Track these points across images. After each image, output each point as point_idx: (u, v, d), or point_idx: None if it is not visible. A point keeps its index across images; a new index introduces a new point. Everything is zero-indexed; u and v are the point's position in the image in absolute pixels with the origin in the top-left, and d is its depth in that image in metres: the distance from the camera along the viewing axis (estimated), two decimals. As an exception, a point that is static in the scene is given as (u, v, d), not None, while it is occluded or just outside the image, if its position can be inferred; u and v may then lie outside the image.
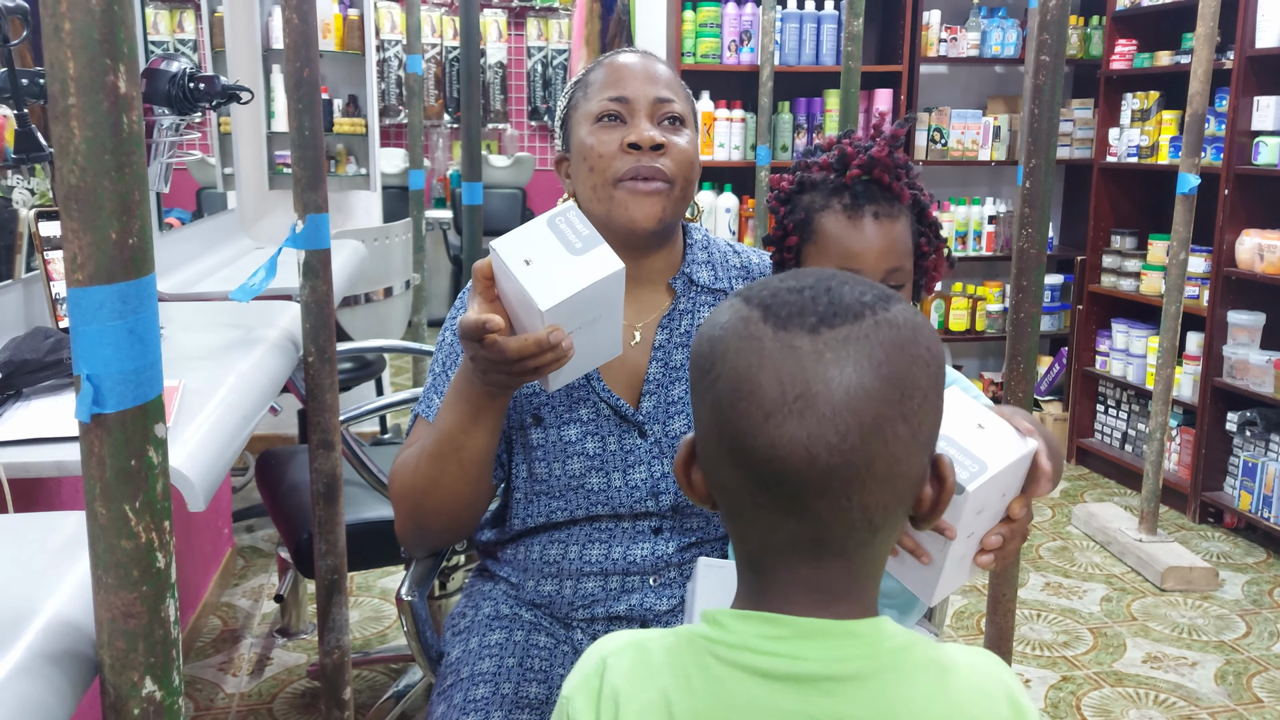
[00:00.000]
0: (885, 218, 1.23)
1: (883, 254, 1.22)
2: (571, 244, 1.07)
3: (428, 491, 1.23)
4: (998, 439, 0.96)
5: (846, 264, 1.21)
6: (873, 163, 1.24)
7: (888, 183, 1.24)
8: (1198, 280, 3.73)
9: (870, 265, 1.22)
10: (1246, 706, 2.56)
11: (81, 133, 0.69)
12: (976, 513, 0.95)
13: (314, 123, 1.64)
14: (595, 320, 1.09)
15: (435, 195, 7.00)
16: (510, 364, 1.08)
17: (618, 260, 1.06)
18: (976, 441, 0.94)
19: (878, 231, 1.22)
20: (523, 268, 1.05)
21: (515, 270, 1.05)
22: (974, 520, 0.96)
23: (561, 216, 1.08)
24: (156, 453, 0.76)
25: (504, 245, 1.06)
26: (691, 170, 1.30)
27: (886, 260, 1.23)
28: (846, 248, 1.22)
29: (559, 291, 1.04)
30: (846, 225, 1.23)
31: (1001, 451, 0.95)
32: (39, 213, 1.75)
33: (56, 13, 0.68)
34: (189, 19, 3.31)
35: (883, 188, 1.24)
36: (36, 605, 0.86)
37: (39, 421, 1.34)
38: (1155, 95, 4.07)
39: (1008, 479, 0.96)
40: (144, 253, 0.73)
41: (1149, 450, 3.37)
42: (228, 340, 1.86)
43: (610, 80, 1.30)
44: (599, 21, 4.99)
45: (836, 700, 0.72)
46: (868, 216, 1.22)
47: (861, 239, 1.22)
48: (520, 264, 1.05)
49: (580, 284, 1.04)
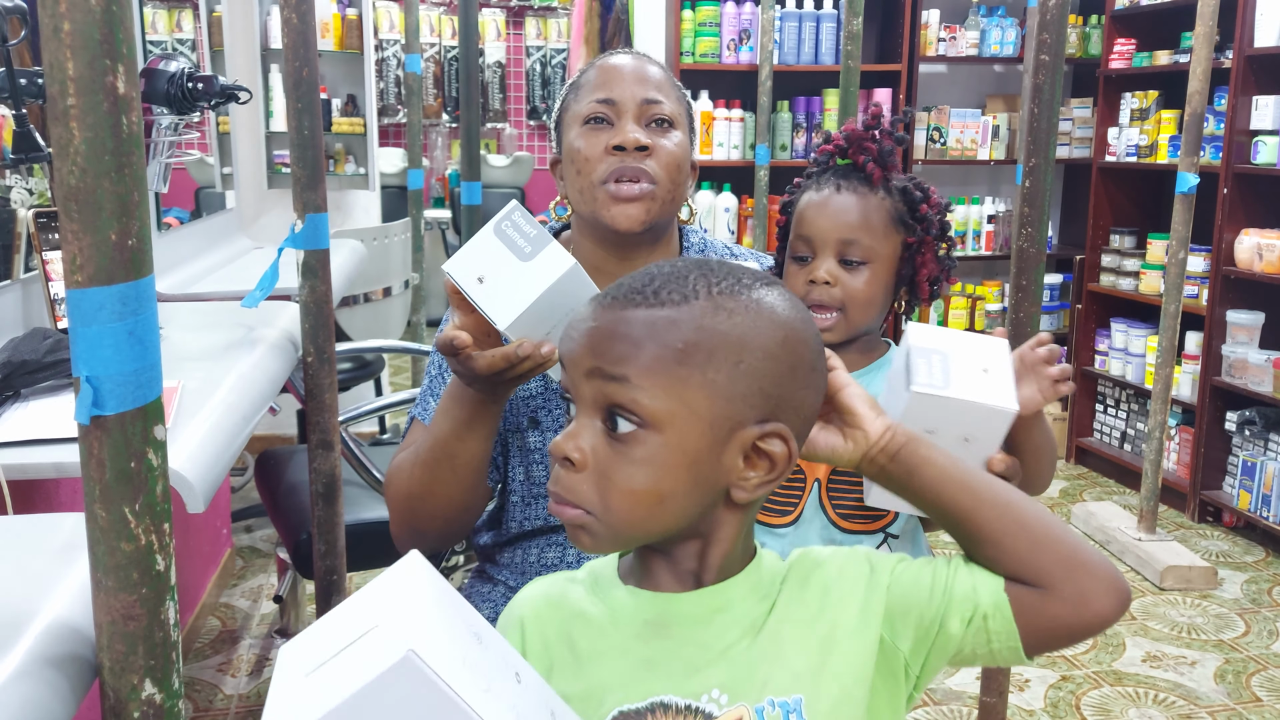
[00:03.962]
0: (850, 191, 1.24)
1: (837, 223, 1.22)
2: (520, 249, 1.04)
3: (423, 497, 1.23)
4: (984, 383, 0.99)
5: (801, 230, 1.25)
6: (847, 141, 1.26)
7: (862, 163, 1.25)
8: (1197, 279, 3.73)
9: (820, 232, 1.23)
10: (1246, 705, 2.56)
11: (81, 133, 0.69)
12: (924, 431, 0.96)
13: (313, 122, 1.64)
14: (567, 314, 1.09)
15: (434, 195, 7.00)
16: (486, 379, 1.08)
17: (568, 257, 1.05)
18: (963, 371, 0.98)
19: (838, 201, 1.24)
20: (476, 287, 1.03)
21: (470, 290, 1.04)
22: None
23: (507, 220, 1.05)
24: (156, 455, 0.75)
25: (455, 266, 1.05)
26: (679, 172, 1.29)
27: (841, 230, 1.23)
28: (804, 215, 1.26)
29: (515, 306, 1.03)
30: (812, 196, 1.26)
31: (975, 390, 0.98)
32: (37, 213, 1.74)
33: (56, 13, 0.68)
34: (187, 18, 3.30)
35: (856, 168, 1.26)
36: (36, 608, 0.86)
37: (38, 423, 1.33)
38: (1154, 94, 4.07)
39: (966, 418, 0.98)
40: (143, 254, 0.73)
41: (1148, 449, 3.37)
42: (227, 340, 1.85)
43: (599, 82, 1.30)
44: (598, 20, 4.99)
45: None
46: (830, 188, 1.25)
47: (820, 207, 1.25)
48: (474, 283, 1.03)
49: (535, 292, 1.03)
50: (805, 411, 0.79)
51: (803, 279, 1.25)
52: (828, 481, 1.23)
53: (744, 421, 0.75)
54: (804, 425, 0.80)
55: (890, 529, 1.25)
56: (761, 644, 0.79)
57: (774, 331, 0.76)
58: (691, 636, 0.79)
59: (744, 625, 0.80)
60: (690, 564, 0.80)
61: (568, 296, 1.05)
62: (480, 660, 0.69)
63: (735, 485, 0.76)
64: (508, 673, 0.71)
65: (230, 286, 2.49)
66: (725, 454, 0.75)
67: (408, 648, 0.62)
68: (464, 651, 0.67)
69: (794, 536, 1.23)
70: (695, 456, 0.74)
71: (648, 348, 0.74)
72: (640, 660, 0.79)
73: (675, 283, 0.77)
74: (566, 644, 0.82)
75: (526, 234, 1.05)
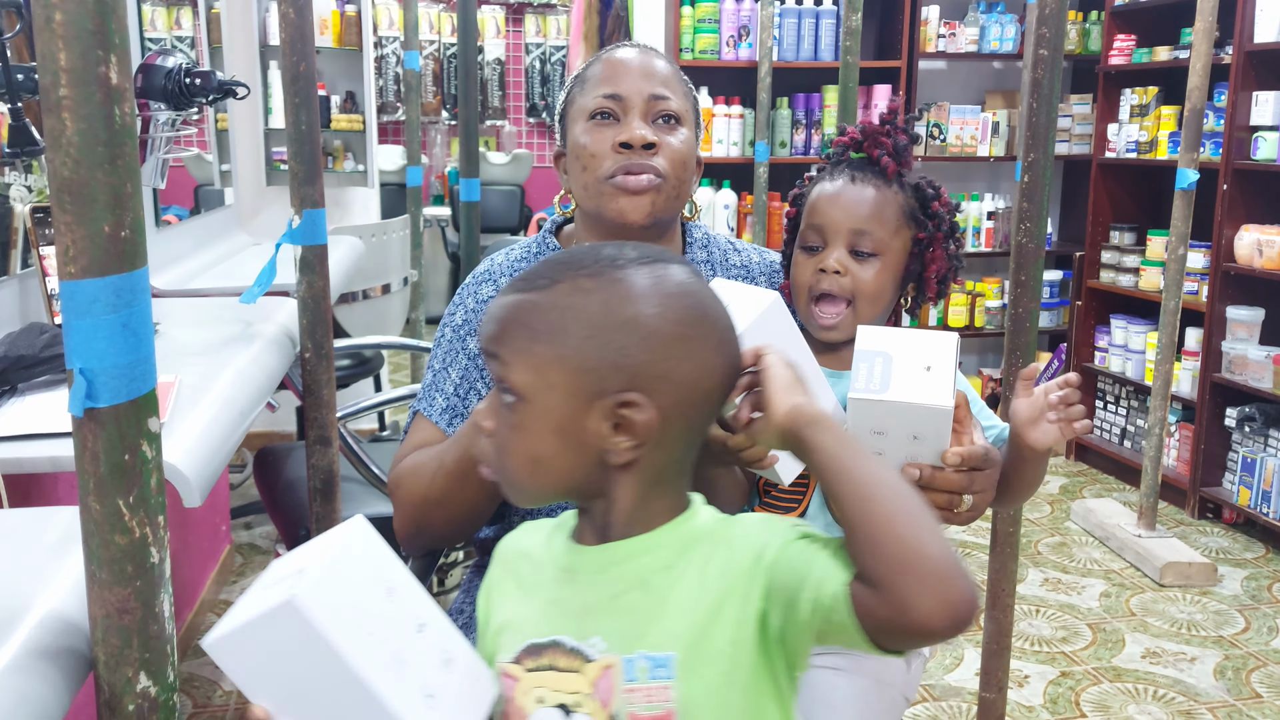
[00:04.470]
0: (864, 184, 1.25)
1: (850, 213, 1.23)
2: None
3: (440, 503, 1.21)
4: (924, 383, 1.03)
5: (813, 219, 1.25)
6: (863, 135, 1.27)
7: (877, 156, 1.25)
8: (1196, 276, 3.73)
9: (832, 222, 1.24)
10: (1245, 701, 2.56)
11: (74, 125, 0.69)
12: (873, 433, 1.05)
13: (310, 117, 1.63)
14: None
15: (433, 192, 6.99)
16: None
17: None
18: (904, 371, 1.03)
19: (852, 192, 1.24)
20: None
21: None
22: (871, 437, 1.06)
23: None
24: (150, 447, 0.75)
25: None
26: (685, 169, 1.29)
27: (853, 221, 1.23)
28: (816, 205, 1.26)
29: None
30: (825, 186, 1.27)
31: (913, 391, 1.03)
32: (34, 208, 1.74)
33: (48, 4, 0.68)
34: (186, 15, 3.30)
35: (871, 161, 1.26)
36: (31, 601, 0.86)
37: (34, 417, 1.33)
38: (1154, 90, 4.06)
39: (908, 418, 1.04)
40: (137, 246, 0.73)
41: (1148, 446, 3.37)
42: (224, 336, 1.85)
43: (606, 76, 1.29)
44: (597, 17, 4.98)
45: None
46: (844, 179, 1.25)
47: (833, 198, 1.25)
48: None
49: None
50: (680, 380, 0.83)
51: (812, 268, 1.25)
52: None
53: (602, 391, 0.81)
54: (683, 393, 0.83)
55: None
56: (648, 600, 0.83)
57: (629, 306, 0.82)
58: (589, 585, 0.85)
59: (634, 580, 0.84)
60: (599, 520, 0.87)
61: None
62: (380, 611, 0.79)
63: (608, 449, 0.82)
64: (409, 625, 0.81)
65: (228, 282, 2.48)
66: (589, 421, 0.82)
67: (291, 594, 0.74)
68: (362, 601, 0.78)
69: None
70: (560, 423, 0.82)
71: (511, 329, 0.84)
72: (551, 600, 0.87)
73: (548, 268, 0.85)
74: (513, 576, 0.92)
75: None
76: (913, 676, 1.31)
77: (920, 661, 1.32)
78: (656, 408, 0.81)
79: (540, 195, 7.01)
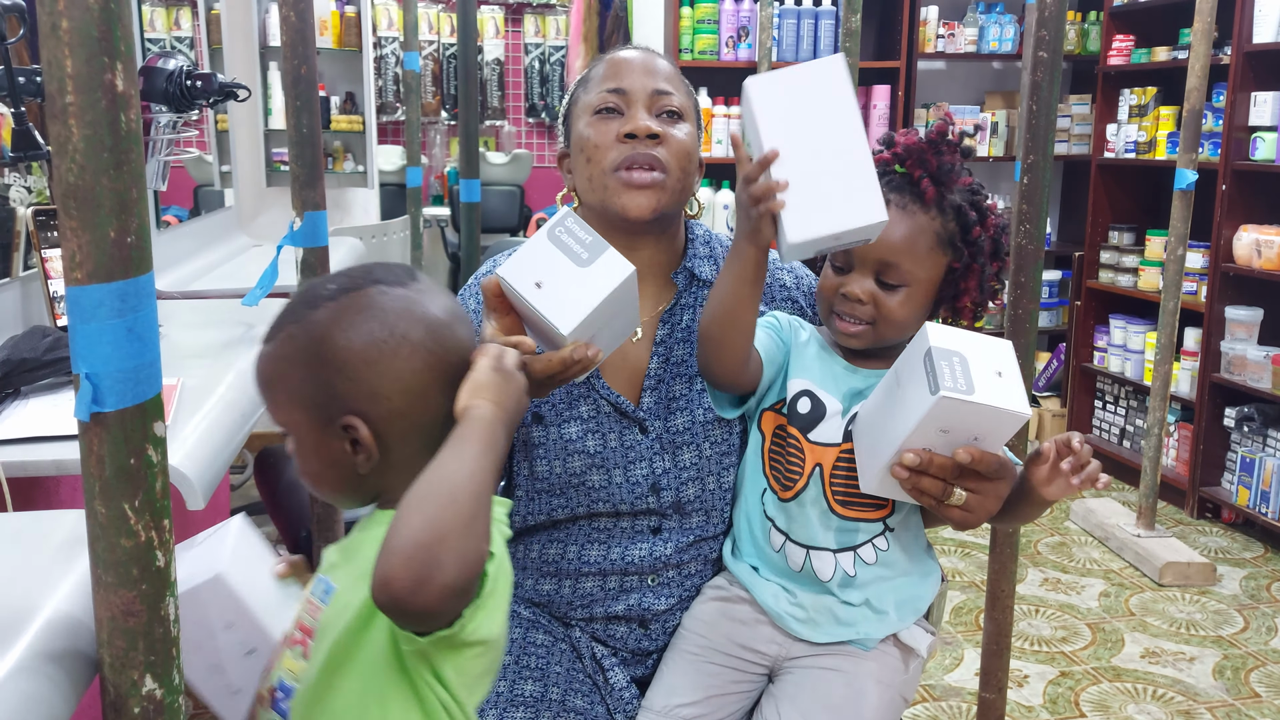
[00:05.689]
0: (899, 208, 1.18)
1: (879, 242, 1.13)
2: (577, 255, 1.05)
3: None
4: (1002, 388, 1.06)
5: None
6: (906, 153, 1.21)
7: (918, 178, 1.19)
8: (1195, 276, 3.74)
9: (861, 249, 1.17)
10: (1244, 701, 2.56)
11: (80, 131, 0.69)
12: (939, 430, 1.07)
13: (311, 120, 1.64)
14: (614, 317, 1.09)
15: (433, 192, 6.99)
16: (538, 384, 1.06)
17: (627, 264, 1.05)
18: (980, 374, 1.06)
19: None
20: (535, 291, 1.03)
21: (528, 295, 1.03)
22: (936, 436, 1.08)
23: (560, 227, 1.06)
24: (156, 451, 0.76)
25: (511, 270, 1.05)
26: (689, 162, 1.29)
27: (881, 251, 1.17)
28: None
29: (577, 311, 1.03)
30: None
31: (995, 395, 1.06)
32: (36, 211, 1.74)
33: (54, 11, 0.68)
34: (186, 16, 3.30)
35: (911, 181, 1.20)
36: (37, 604, 0.86)
37: (38, 420, 1.34)
38: (1153, 91, 4.07)
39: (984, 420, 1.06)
40: (142, 251, 0.73)
41: (1147, 446, 3.38)
42: (226, 338, 1.86)
43: (609, 73, 1.30)
44: (596, 18, 4.98)
45: None
46: None
47: None
48: (531, 288, 1.04)
49: (596, 298, 1.03)
50: (388, 392, 0.91)
51: (836, 288, 1.22)
52: (831, 468, 1.23)
53: (329, 419, 0.91)
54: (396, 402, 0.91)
55: (889, 520, 1.25)
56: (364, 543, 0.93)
57: (324, 344, 0.91)
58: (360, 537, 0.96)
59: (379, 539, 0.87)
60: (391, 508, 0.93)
61: (621, 302, 1.06)
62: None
63: (355, 463, 0.92)
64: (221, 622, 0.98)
65: (229, 284, 2.49)
66: (332, 443, 0.92)
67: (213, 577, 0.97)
68: None
69: (795, 513, 1.25)
70: (314, 448, 0.93)
71: (258, 379, 0.96)
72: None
73: (276, 320, 0.95)
74: None
75: (582, 240, 1.05)
76: (911, 677, 1.31)
77: (919, 662, 1.32)
78: (375, 422, 0.91)
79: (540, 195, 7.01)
